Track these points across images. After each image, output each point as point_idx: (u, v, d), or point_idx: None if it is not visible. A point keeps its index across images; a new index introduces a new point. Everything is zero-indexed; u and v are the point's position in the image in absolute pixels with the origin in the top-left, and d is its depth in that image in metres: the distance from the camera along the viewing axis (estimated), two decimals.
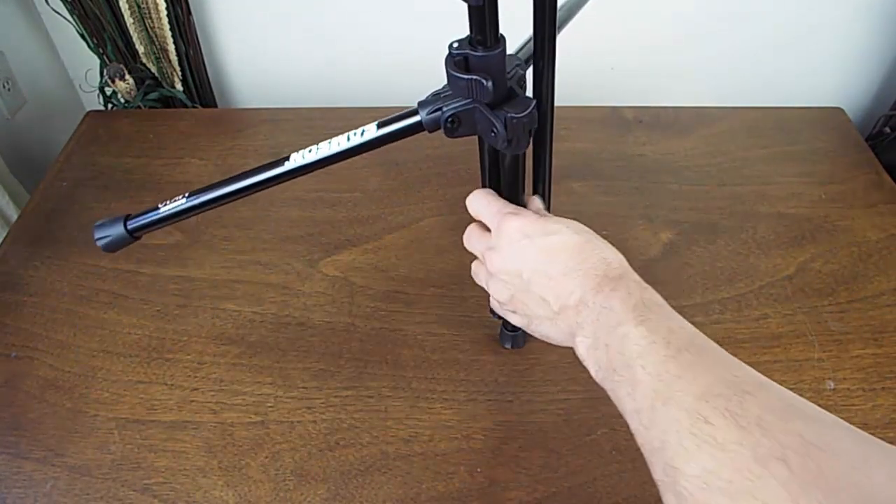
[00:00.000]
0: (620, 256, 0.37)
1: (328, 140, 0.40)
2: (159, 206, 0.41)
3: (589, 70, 0.87)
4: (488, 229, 0.41)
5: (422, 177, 0.74)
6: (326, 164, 0.39)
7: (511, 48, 0.39)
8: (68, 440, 0.53)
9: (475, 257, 0.44)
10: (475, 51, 0.34)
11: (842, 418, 0.26)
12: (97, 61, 0.84)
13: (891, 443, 0.25)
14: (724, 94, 0.89)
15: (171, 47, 0.81)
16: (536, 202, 0.43)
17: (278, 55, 0.89)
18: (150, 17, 0.79)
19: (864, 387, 0.54)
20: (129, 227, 0.42)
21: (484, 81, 0.35)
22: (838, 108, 0.82)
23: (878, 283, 0.62)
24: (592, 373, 0.35)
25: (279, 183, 0.40)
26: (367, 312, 0.61)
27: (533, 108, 0.36)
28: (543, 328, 0.39)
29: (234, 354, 0.58)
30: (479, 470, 0.50)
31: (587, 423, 0.52)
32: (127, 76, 0.81)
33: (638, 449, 0.31)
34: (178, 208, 0.41)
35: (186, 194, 0.41)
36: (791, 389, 0.56)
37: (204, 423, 0.53)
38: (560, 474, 0.50)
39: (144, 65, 0.84)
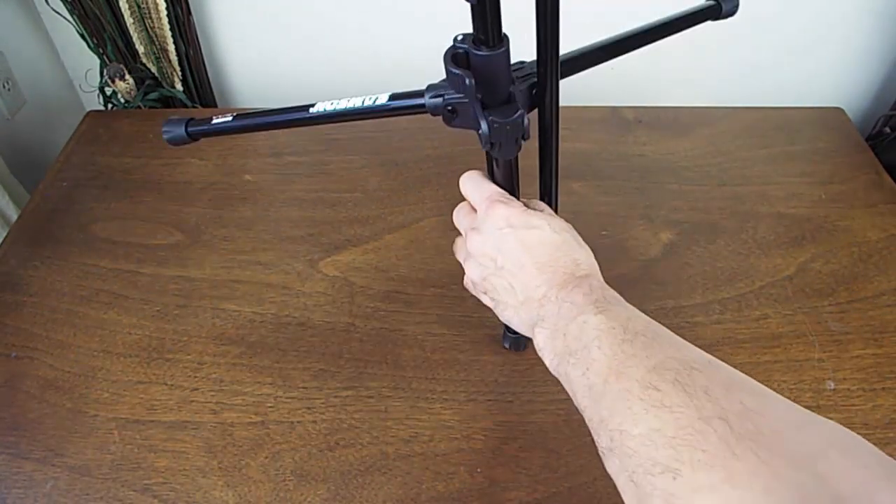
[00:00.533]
0: (592, 260, 0.39)
1: (347, 98, 0.42)
2: (213, 118, 0.46)
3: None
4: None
5: (422, 177, 0.74)
6: (342, 120, 0.42)
7: (522, 54, 0.39)
8: (68, 440, 0.53)
9: None
10: (478, 50, 0.34)
11: (842, 418, 0.26)
12: (97, 61, 0.84)
13: (891, 443, 0.25)
14: (724, 94, 0.89)
15: (171, 47, 0.81)
16: (541, 205, 0.43)
17: (278, 55, 0.89)
18: (150, 17, 0.79)
19: (864, 387, 0.54)
20: (189, 129, 0.47)
21: (466, 79, 0.35)
22: (838, 108, 0.82)
23: (878, 283, 0.62)
24: (547, 362, 0.37)
25: (301, 125, 0.44)
26: (367, 312, 0.61)
27: (518, 118, 0.36)
28: (508, 314, 0.40)
29: (234, 354, 0.58)
30: (479, 470, 0.50)
31: None
32: (127, 76, 0.81)
33: None
34: (223, 125, 0.46)
35: (234, 114, 0.46)
36: (791, 389, 0.56)
37: (204, 423, 0.53)
38: (560, 474, 0.50)
39: (144, 65, 0.84)
